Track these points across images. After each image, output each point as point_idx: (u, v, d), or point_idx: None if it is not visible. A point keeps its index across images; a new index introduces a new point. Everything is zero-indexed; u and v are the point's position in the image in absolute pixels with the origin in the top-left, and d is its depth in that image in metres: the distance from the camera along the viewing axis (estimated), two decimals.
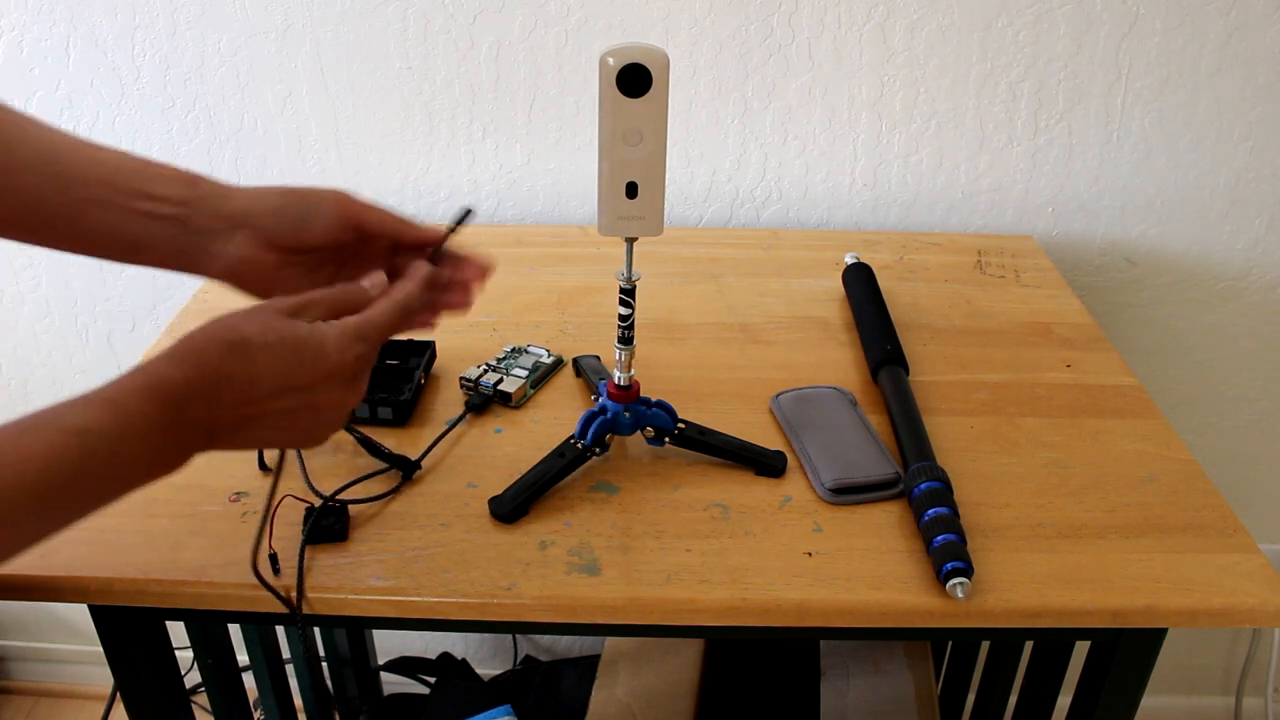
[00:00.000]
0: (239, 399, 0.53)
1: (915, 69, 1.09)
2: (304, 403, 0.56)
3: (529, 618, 0.66)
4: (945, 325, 0.96)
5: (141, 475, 0.51)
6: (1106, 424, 0.82)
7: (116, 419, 0.49)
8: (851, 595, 0.65)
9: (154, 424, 0.50)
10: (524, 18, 1.08)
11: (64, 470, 0.47)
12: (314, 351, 0.55)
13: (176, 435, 0.52)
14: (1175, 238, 1.17)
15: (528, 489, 0.72)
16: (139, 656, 0.74)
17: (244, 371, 0.53)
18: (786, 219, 1.19)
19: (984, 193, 1.16)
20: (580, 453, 0.74)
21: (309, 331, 0.56)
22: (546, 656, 1.49)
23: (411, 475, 0.75)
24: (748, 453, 0.76)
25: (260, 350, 0.54)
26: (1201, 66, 1.08)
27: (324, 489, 0.73)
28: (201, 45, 1.11)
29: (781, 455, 0.76)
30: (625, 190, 0.65)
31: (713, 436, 0.76)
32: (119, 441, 0.49)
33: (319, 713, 1.25)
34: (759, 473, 0.76)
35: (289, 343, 0.55)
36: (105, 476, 0.49)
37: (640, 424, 0.75)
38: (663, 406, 0.75)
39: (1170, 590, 0.66)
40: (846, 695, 1.12)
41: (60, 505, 0.48)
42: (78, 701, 1.64)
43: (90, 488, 0.49)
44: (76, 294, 1.26)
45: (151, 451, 0.51)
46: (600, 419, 0.74)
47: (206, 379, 0.52)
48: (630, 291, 0.70)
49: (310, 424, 0.57)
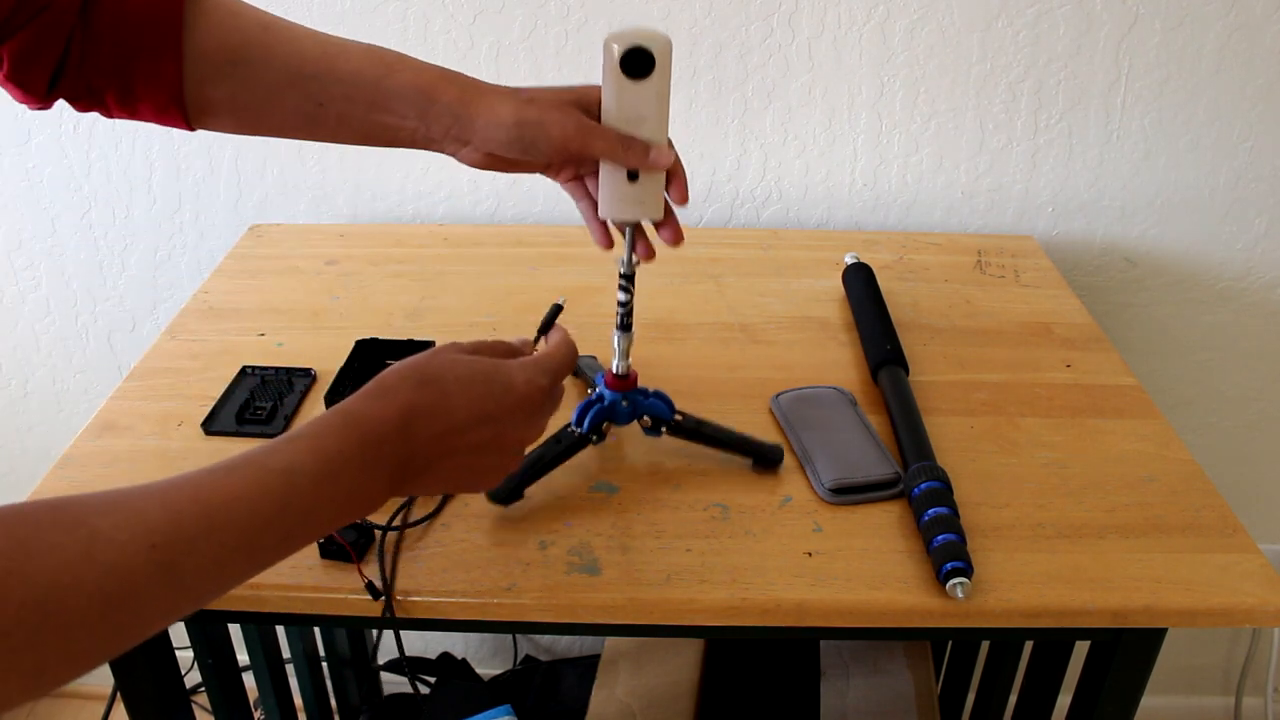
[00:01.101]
0: (434, 434, 0.54)
1: (915, 69, 1.09)
2: (493, 435, 0.56)
3: (529, 618, 0.66)
4: (945, 325, 0.96)
5: (340, 515, 0.52)
6: (1106, 424, 0.82)
7: (318, 458, 0.50)
8: (851, 595, 0.65)
9: (352, 462, 0.51)
10: (524, 18, 1.08)
11: (269, 510, 0.48)
12: (503, 383, 0.57)
13: (374, 473, 0.52)
14: (1175, 238, 1.17)
15: (523, 472, 0.71)
16: (139, 656, 0.74)
17: (439, 404, 0.54)
18: (786, 219, 1.18)
19: (984, 193, 1.16)
20: (576, 439, 0.73)
21: (495, 365, 0.58)
22: (546, 656, 1.49)
23: None
24: (745, 445, 0.76)
25: (452, 383, 0.55)
26: (1201, 66, 1.08)
27: None
28: None
29: (778, 448, 0.76)
30: (626, 174, 0.65)
31: (710, 428, 0.76)
32: (321, 481, 0.50)
33: (319, 713, 1.25)
34: (756, 464, 0.76)
35: (479, 374, 0.56)
36: (307, 516, 0.50)
37: (637, 413, 0.74)
38: (660, 397, 0.75)
39: (1170, 590, 0.66)
40: (846, 695, 1.12)
41: (264, 546, 0.48)
42: (78, 701, 1.64)
43: (292, 528, 0.49)
44: (76, 294, 1.26)
45: (351, 490, 0.51)
46: (597, 407, 0.74)
47: (402, 414, 0.53)
48: (630, 277, 0.70)
49: (495, 461, 0.58)
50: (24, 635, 0.39)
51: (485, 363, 0.58)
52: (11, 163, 1.17)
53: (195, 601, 0.47)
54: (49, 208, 1.20)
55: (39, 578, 0.40)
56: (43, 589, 0.40)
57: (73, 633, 0.41)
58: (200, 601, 0.47)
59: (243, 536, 0.47)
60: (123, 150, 1.16)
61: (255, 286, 1.01)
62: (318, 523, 0.51)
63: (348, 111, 0.65)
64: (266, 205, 1.19)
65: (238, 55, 0.64)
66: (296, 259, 1.07)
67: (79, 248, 1.23)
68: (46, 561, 0.40)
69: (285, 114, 0.66)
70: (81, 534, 0.42)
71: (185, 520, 0.45)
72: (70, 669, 0.42)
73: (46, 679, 0.41)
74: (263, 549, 0.48)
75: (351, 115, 0.65)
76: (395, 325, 0.94)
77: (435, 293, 1.00)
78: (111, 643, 0.43)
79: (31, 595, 0.39)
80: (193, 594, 0.46)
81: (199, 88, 0.63)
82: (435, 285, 1.01)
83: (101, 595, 0.41)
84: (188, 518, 0.45)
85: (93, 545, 0.42)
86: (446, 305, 0.98)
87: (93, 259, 1.24)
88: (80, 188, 1.19)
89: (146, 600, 0.43)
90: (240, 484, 0.47)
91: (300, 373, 0.86)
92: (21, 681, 0.40)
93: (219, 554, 0.46)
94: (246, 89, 0.64)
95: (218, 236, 1.21)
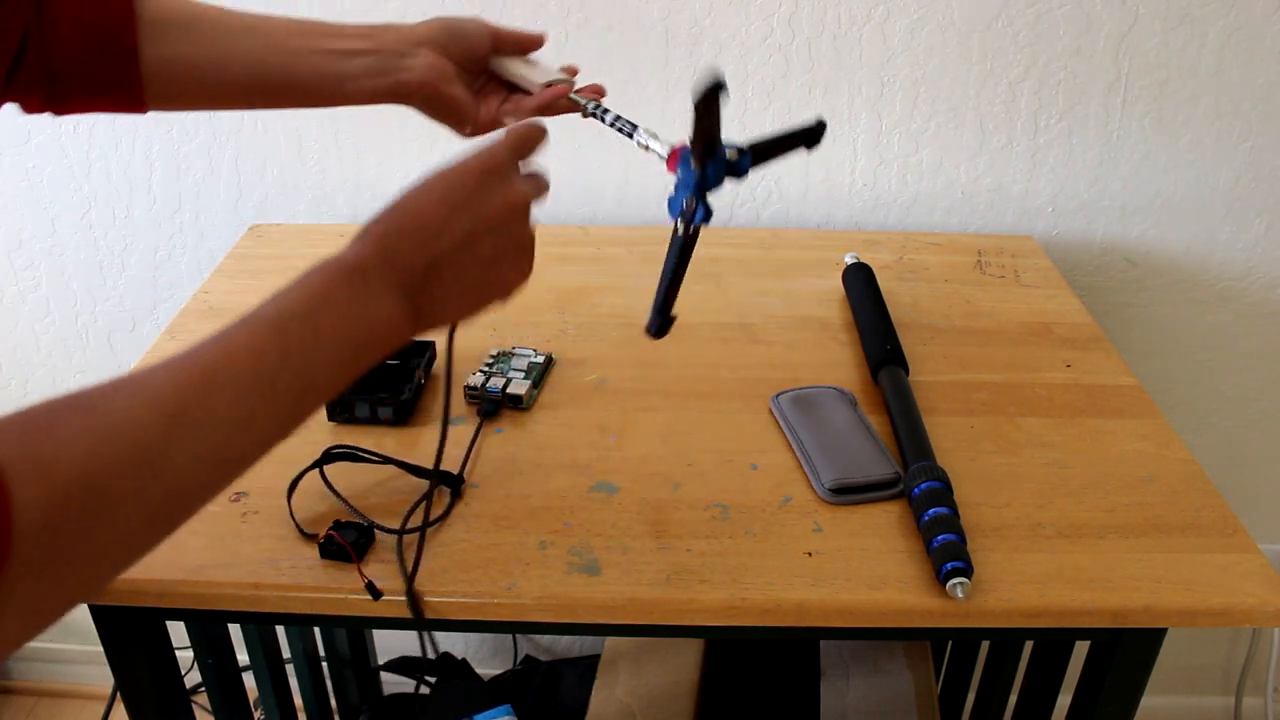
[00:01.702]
0: (415, 244, 0.55)
1: (915, 69, 1.09)
2: (474, 220, 0.57)
3: (529, 618, 0.66)
4: (945, 325, 0.96)
5: (357, 347, 0.53)
6: (1106, 424, 0.82)
7: (305, 296, 0.52)
8: (851, 595, 0.65)
9: (338, 294, 0.53)
10: (524, 18, 1.08)
11: (271, 356, 0.49)
12: (458, 170, 0.58)
13: (371, 299, 0.53)
14: (1175, 238, 1.17)
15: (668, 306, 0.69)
16: (139, 656, 0.74)
17: (407, 220, 0.56)
18: (786, 219, 1.18)
19: (984, 193, 1.16)
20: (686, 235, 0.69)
21: (448, 164, 0.59)
22: (546, 656, 1.49)
23: (460, 491, 0.74)
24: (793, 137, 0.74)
25: (411, 197, 0.57)
26: (1201, 66, 1.08)
27: (358, 505, 0.73)
28: None
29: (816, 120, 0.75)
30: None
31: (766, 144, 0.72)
32: (315, 317, 0.51)
33: (319, 713, 1.25)
34: (808, 147, 0.75)
35: (434, 178, 0.58)
36: (315, 355, 0.51)
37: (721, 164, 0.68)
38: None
39: (1170, 590, 0.66)
40: (846, 695, 1.12)
41: (283, 392, 0.50)
42: (78, 701, 1.64)
43: (306, 369, 0.51)
44: (76, 294, 1.26)
45: (349, 321, 0.53)
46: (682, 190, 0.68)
47: (377, 241, 0.55)
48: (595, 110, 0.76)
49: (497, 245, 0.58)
50: (74, 521, 0.41)
51: (439, 169, 0.59)
52: (11, 163, 1.17)
53: (237, 463, 0.48)
54: (49, 208, 1.20)
55: (72, 462, 0.41)
56: (79, 471, 0.41)
57: (118, 510, 0.42)
58: (241, 463, 0.49)
59: (254, 387, 0.48)
60: (123, 150, 1.16)
61: (255, 287, 1.01)
62: (332, 361, 0.52)
63: (301, 44, 0.70)
64: (266, 205, 1.19)
65: (189, 17, 0.68)
66: (297, 259, 1.06)
67: (79, 248, 1.23)
68: (75, 447, 0.41)
69: (242, 64, 0.69)
70: (98, 417, 0.43)
71: (191, 384, 0.46)
72: (127, 551, 0.44)
73: (105, 564, 0.43)
74: (284, 395, 0.50)
75: (305, 48, 0.70)
76: None
77: None
78: (161, 519, 0.45)
79: (72, 480, 0.41)
80: (228, 454, 0.48)
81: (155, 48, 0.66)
82: None
83: (133, 468, 0.43)
84: (193, 382, 0.46)
85: (110, 423, 0.43)
86: None
87: (93, 259, 1.24)
88: (80, 188, 1.19)
89: (179, 467, 0.45)
90: (235, 339, 0.49)
91: None
92: (84, 570, 0.42)
93: (236, 409, 0.47)
94: (203, 43, 0.68)
95: (218, 236, 1.21)
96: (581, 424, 0.81)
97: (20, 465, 0.39)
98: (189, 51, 0.68)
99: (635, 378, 0.87)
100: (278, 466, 0.76)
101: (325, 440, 0.79)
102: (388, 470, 0.75)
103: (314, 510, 0.71)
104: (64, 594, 0.42)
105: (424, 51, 0.72)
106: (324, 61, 0.70)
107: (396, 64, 0.71)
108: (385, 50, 0.71)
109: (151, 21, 0.66)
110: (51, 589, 0.41)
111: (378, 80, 0.71)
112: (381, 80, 0.71)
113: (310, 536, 0.69)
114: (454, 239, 0.56)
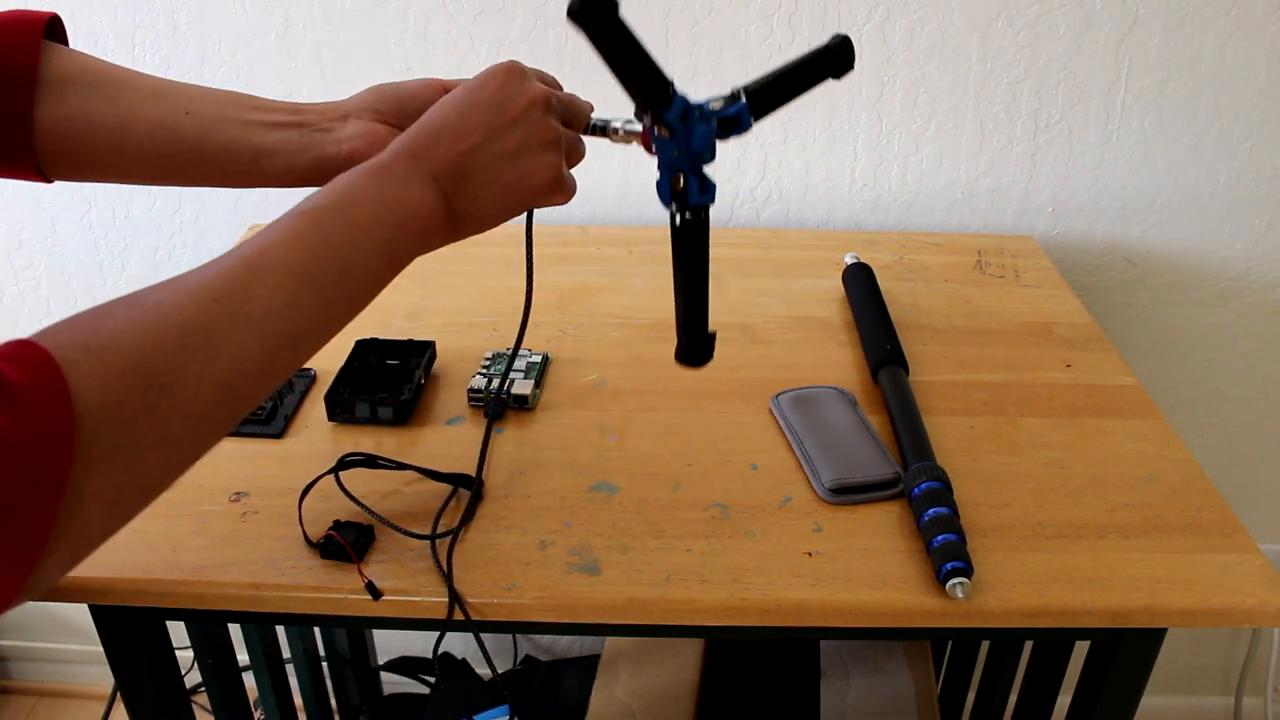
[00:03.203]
0: (442, 141, 0.57)
1: (915, 69, 1.09)
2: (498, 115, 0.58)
3: (529, 618, 0.66)
4: (945, 325, 0.96)
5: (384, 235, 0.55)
6: (1106, 424, 0.82)
7: (334, 192, 0.54)
8: (851, 595, 0.65)
9: (371, 188, 0.55)
10: (524, 18, 1.08)
11: (309, 244, 0.52)
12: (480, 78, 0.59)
13: (400, 191, 0.55)
14: (1175, 238, 1.17)
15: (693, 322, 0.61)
16: (139, 656, 0.74)
17: (437, 117, 0.58)
18: (786, 219, 1.18)
19: (984, 193, 1.16)
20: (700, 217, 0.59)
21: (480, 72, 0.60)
22: (546, 656, 1.49)
23: (479, 493, 0.73)
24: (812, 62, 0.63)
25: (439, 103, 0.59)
26: (1201, 66, 1.08)
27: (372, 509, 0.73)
28: (201, 45, 1.11)
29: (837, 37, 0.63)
30: None
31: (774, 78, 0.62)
32: (345, 206, 0.54)
33: (319, 713, 1.25)
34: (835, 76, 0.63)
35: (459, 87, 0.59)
36: (349, 242, 0.53)
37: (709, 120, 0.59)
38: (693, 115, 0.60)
39: (1170, 590, 0.66)
40: (846, 695, 1.12)
41: (324, 275, 0.52)
42: (78, 701, 1.64)
43: (343, 254, 0.53)
44: (76, 294, 1.26)
45: (381, 208, 0.55)
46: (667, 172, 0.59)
47: (409, 143, 0.57)
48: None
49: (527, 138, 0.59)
50: (136, 400, 0.43)
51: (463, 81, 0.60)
52: None
53: (290, 346, 0.51)
54: (49, 208, 1.20)
55: (125, 346, 0.43)
56: (133, 355, 0.43)
57: (178, 392, 0.45)
58: (296, 347, 0.51)
59: (296, 272, 0.50)
60: None
61: None
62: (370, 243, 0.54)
63: (217, 114, 0.64)
64: (266, 205, 1.19)
65: (100, 79, 0.62)
66: None
67: (79, 248, 1.23)
68: (127, 333, 0.44)
69: (147, 127, 0.63)
70: (148, 306, 0.46)
71: (234, 274, 0.49)
72: (194, 434, 0.47)
73: (174, 448, 0.46)
74: (328, 280, 0.52)
75: (220, 117, 0.64)
76: (395, 325, 0.94)
77: (435, 293, 1.00)
78: (224, 401, 0.47)
79: (126, 362, 0.43)
80: (279, 336, 0.50)
81: (57, 107, 0.61)
82: (435, 285, 1.01)
83: (187, 350, 0.45)
84: (236, 271, 0.49)
85: (160, 312, 0.45)
86: (446, 305, 0.98)
87: (93, 259, 1.24)
88: (80, 188, 1.19)
89: (234, 350, 0.47)
90: (273, 234, 0.52)
91: (300, 372, 0.86)
92: (156, 454, 0.44)
93: (281, 294, 0.50)
94: (107, 104, 0.62)
95: (218, 236, 1.21)
96: (581, 424, 0.81)
97: (74, 353, 0.42)
98: (91, 112, 0.61)
99: (635, 378, 0.87)
100: (278, 467, 0.76)
101: (325, 440, 0.79)
102: (391, 473, 0.75)
103: (314, 510, 0.71)
104: (141, 480, 0.44)
105: (352, 122, 0.66)
106: (239, 133, 0.64)
107: (320, 139, 0.65)
108: (309, 124, 0.65)
109: (55, 81, 0.61)
110: (127, 473, 0.43)
111: (296, 158, 0.65)
112: (302, 157, 0.65)
113: (315, 546, 0.69)
114: (479, 135, 0.58)
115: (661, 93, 0.55)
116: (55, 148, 0.62)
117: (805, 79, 0.61)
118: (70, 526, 0.41)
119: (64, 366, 0.41)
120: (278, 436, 0.79)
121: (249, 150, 0.64)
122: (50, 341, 0.42)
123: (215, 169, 0.65)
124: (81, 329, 0.44)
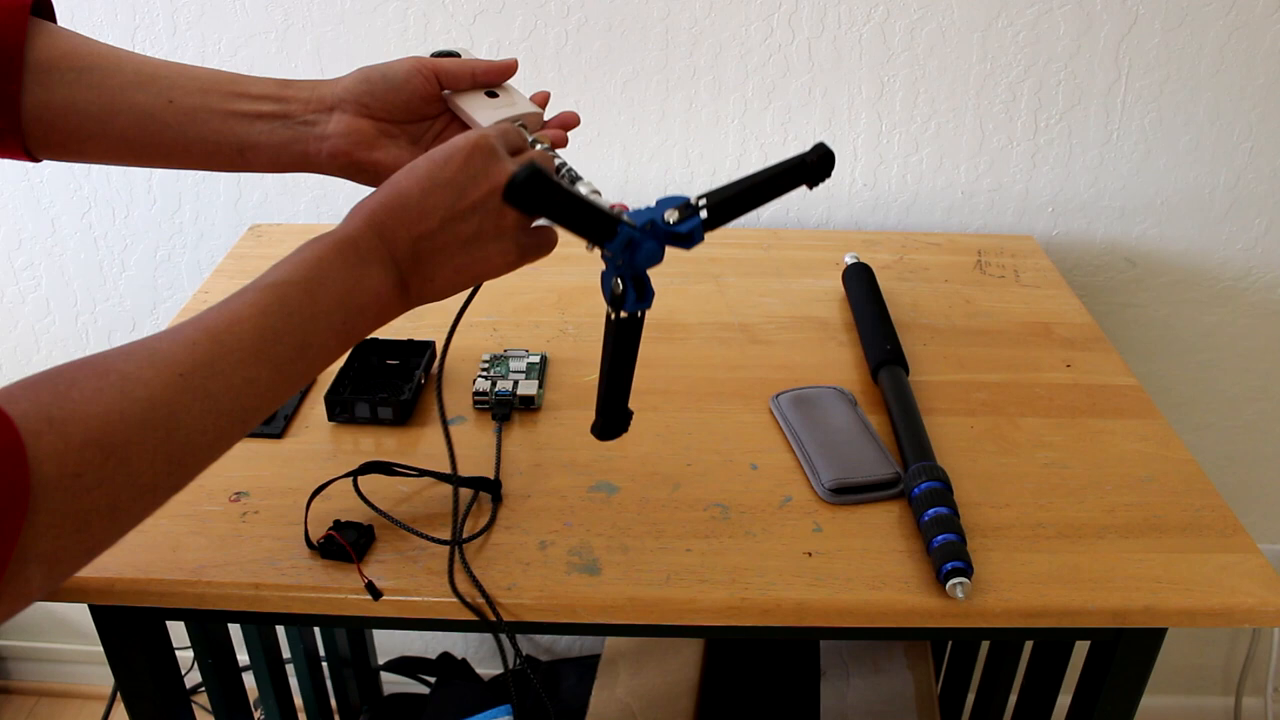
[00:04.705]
0: (401, 220, 0.57)
1: (915, 69, 1.09)
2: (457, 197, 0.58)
3: (529, 618, 0.66)
4: (945, 325, 0.96)
5: (343, 318, 0.56)
6: (1106, 424, 0.82)
7: (301, 267, 0.55)
8: (851, 595, 0.65)
9: (333, 264, 0.55)
10: (524, 18, 1.08)
11: (272, 320, 0.52)
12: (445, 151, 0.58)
13: (365, 270, 0.56)
14: (1175, 238, 1.17)
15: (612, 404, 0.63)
16: (139, 656, 0.74)
17: (398, 198, 0.57)
18: (786, 219, 1.19)
19: (984, 193, 1.16)
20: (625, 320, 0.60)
21: (438, 147, 0.59)
22: (546, 656, 1.49)
23: (500, 496, 0.74)
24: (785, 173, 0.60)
25: (404, 177, 0.58)
26: (1201, 66, 1.08)
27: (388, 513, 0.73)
28: (201, 45, 1.11)
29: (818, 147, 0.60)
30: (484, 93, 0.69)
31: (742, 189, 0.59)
32: (311, 286, 0.54)
33: (319, 713, 1.25)
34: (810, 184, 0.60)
35: (424, 159, 0.59)
36: (313, 320, 0.54)
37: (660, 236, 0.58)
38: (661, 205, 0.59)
39: (1170, 590, 0.66)
40: (846, 695, 1.12)
41: (284, 356, 0.53)
42: (78, 701, 1.64)
43: (305, 334, 0.54)
44: (76, 294, 1.26)
45: (344, 291, 0.55)
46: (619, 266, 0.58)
47: (368, 217, 0.57)
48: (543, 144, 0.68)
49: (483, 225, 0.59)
50: (93, 473, 0.44)
51: (430, 151, 0.59)
52: (11, 163, 1.17)
53: (241, 421, 0.52)
54: (49, 208, 1.20)
55: (89, 420, 0.44)
56: (95, 428, 0.44)
57: (133, 465, 0.46)
58: (246, 421, 0.52)
59: (257, 350, 0.51)
60: None
61: None
62: (329, 325, 0.55)
63: (201, 104, 0.64)
64: (266, 205, 1.19)
65: (84, 63, 0.62)
66: None
67: (79, 248, 1.23)
68: (91, 406, 0.44)
69: (131, 117, 0.63)
70: (113, 378, 0.46)
71: (199, 348, 0.50)
72: (140, 503, 0.47)
73: (121, 516, 0.46)
74: (285, 360, 0.53)
75: (204, 107, 0.64)
76: (394, 325, 0.93)
77: None
78: (172, 473, 0.48)
79: (87, 435, 0.44)
80: (233, 413, 0.51)
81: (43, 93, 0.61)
82: None
83: (148, 426, 0.46)
84: (201, 345, 0.50)
85: (125, 385, 0.46)
86: (446, 305, 0.98)
87: (93, 259, 1.24)
88: (80, 188, 1.19)
89: (190, 425, 0.48)
90: (238, 306, 0.52)
91: None
92: (102, 522, 0.45)
93: (241, 370, 0.51)
94: (91, 92, 0.62)
95: (218, 236, 1.21)
96: (581, 424, 0.81)
97: (37, 423, 0.42)
98: (76, 99, 0.62)
99: (635, 377, 0.87)
100: (278, 467, 0.76)
101: (325, 440, 0.79)
102: (394, 475, 0.75)
103: (314, 510, 0.71)
104: (85, 544, 0.45)
105: (336, 116, 0.65)
106: (222, 125, 0.64)
107: (303, 133, 0.65)
108: (293, 115, 0.65)
109: (40, 65, 0.61)
110: (73, 539, 0.44)
111: (280, 153, 0.65)
112: (285, 153, 0.65)
113: (315, 546, 0.69)
114: (436, 219, 0.58)
115: (607, 230, 0.57)
116: (41, 132, 0.62)
117: (776, 189, 0.60)
118: (11, 587, 0.42)
119: (25, 437, 0.41)
120: (278, 436, 0.79)
121: (232, 143, 0.65)
122: (15, 410, 0.42)
123: (200, 158, 0.66)
124: (48, 397, 0.44)
